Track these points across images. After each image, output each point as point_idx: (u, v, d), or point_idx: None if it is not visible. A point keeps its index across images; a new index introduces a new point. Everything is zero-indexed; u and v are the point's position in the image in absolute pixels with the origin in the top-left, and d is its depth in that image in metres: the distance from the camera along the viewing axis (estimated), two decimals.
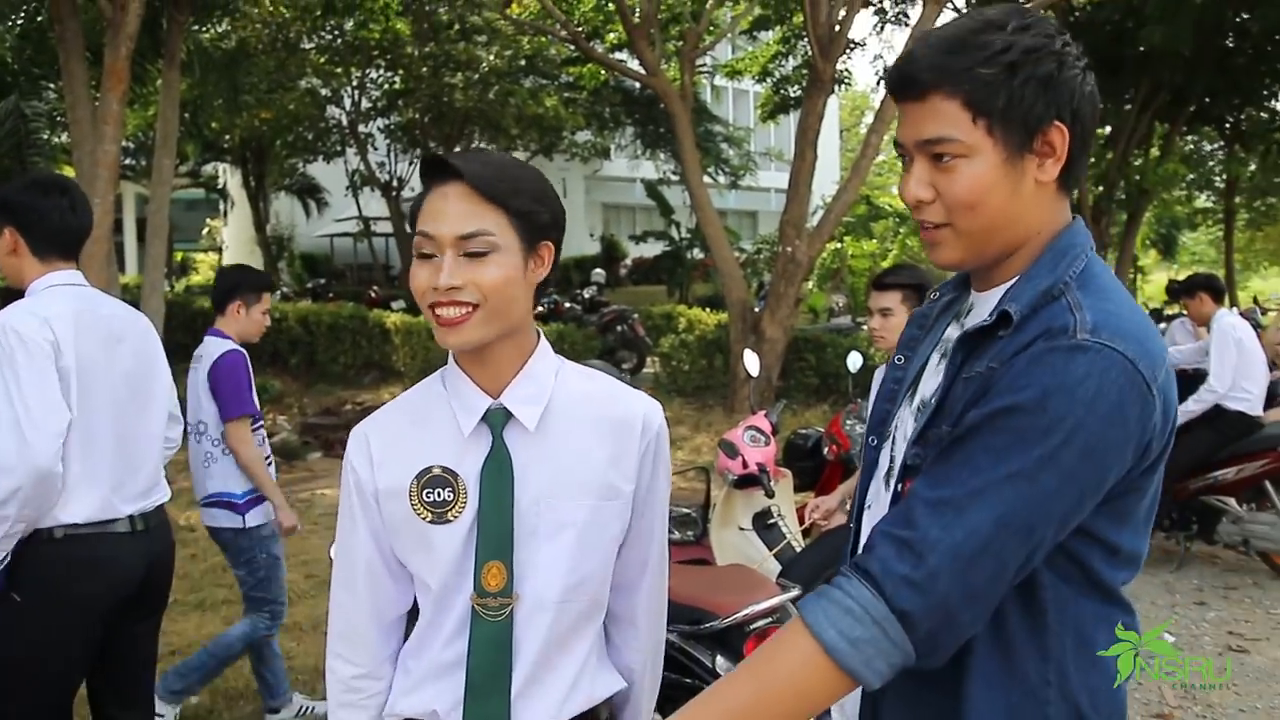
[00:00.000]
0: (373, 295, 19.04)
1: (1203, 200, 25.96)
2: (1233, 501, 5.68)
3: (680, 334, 12.45)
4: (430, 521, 1.48)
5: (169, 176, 8.34)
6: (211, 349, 3.70)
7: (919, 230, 1.34)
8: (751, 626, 2.69)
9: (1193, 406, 5.62)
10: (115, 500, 2.50)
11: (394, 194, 22.56)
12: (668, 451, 1.61)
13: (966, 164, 1.23)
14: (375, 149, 22.51)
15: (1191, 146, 20.81)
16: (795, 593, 2.82)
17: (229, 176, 27.96)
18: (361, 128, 21.58)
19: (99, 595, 2.50)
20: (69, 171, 12.66)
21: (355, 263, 30.14)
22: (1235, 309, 12.28)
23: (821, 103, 9.94)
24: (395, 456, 1.53)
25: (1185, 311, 6.41)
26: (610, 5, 11.63)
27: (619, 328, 13.39)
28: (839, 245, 18.77)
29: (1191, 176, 19.39)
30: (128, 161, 21.69)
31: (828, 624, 1.14)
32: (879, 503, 1.41)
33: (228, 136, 20.74)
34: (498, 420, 1.50)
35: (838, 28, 9.52)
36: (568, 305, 17.57)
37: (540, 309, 5.64)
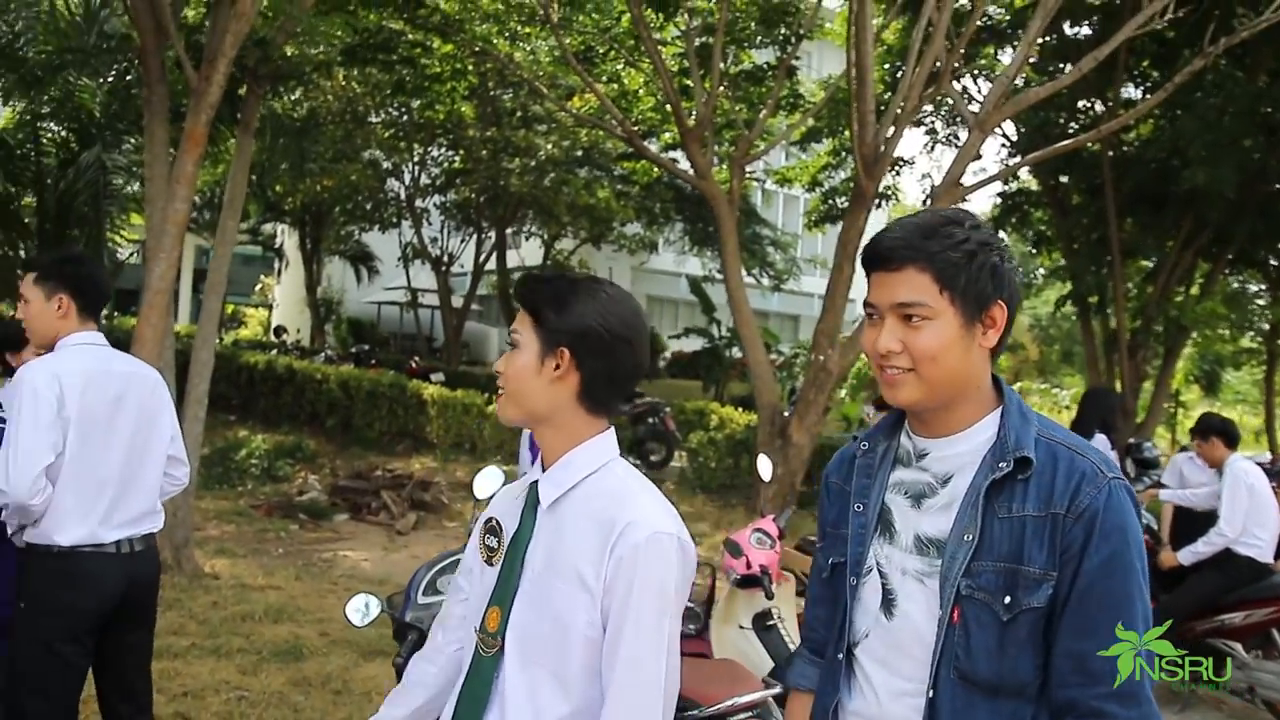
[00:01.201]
0: (413, 365, 19.35)
1: (1246, 340, 25.86)
2: (1239, 647, 5.70)
3: (710, 431, 12.59)
4: (484, 561, 1.81)
5: (233, 237, 8.68)
6: None
7: (876, 371, 1.65)
8: (731, 719, 2.82)
9: (1202, 549, 5.69)
10: (101, 530, 3.04)
11: (444, 268, 23.08)
12: (654, 577, 1.63)
13: (931, 325, 1.57)
14: (430, 223, 23.15)
15: (1237, 285, 20.85)
16: (777, 690, 2.95)
17: (286, 236, 28.77)
18: (419, 202, 22.23)
19: (85, 604, 3.02)
20: (138, 220, 13.18)
21: (400, 331, 30.67)
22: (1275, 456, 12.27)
23: (863, 218, 10.18)
24: (494, 504, 1.90)
25: (1198, 450, 6.48)
26: (668, 107, 12.01)
27: (650, 420, 13.56)
28: None
29: (1232, 316, 19.40)
30: (193, 216, 22.44)
31: None
32: (881, 628, 1.65)
33: (290, 199, 21.39)
34: (532, 495, 1.77)
35: (883, 147, 9.80)
36: None
37: None
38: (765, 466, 4.60)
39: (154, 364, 7.05)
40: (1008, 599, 1.51)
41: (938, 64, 9.63)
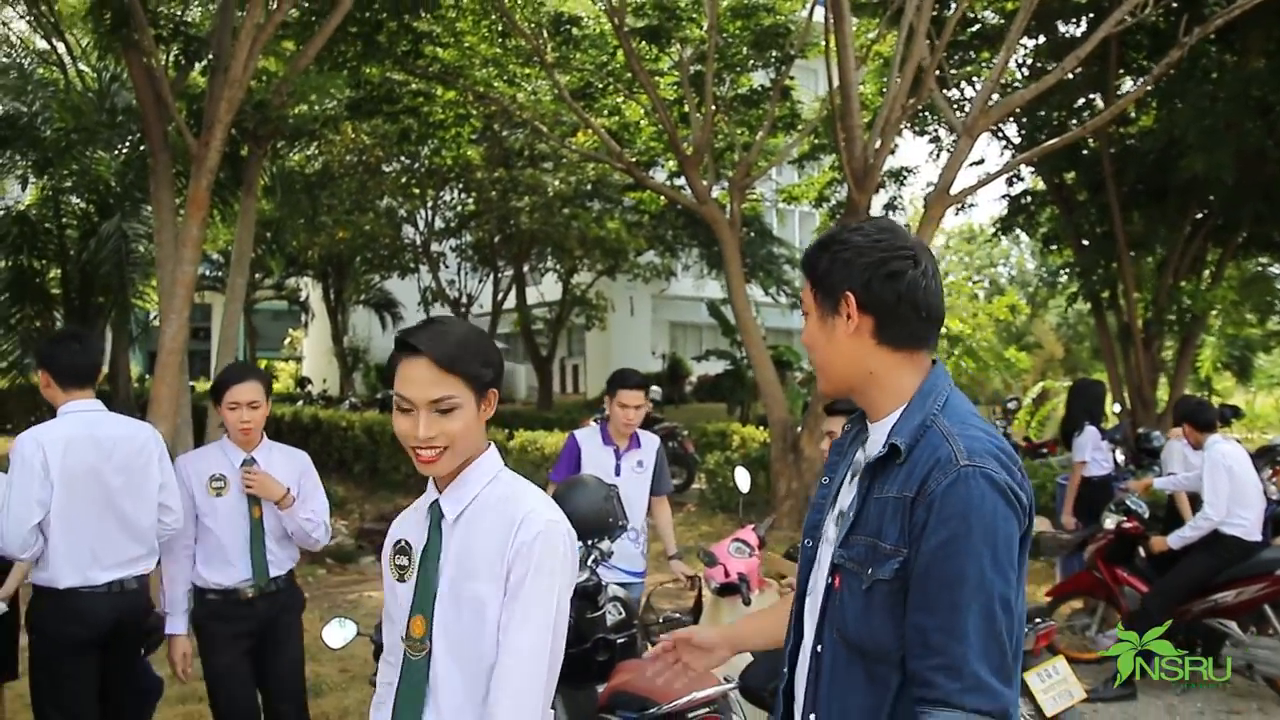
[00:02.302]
0: None
1: (1274, 323, 25.62)
2: (1234, 625, 5.78)
3: (729, 451, 12.73)
4: (396, 579, 2.03)
5: (241, 294, 9.01)
6: None
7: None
8: (691, 714, 2.98)
9: (1189, 533, 5.79)
10: (92, 572, 3.54)
11: (464, 310, 23.39)
12: (545, 564, 1.87)
13: (809, 319, 1.82)
14: (447, 266, 23.48)
15: (1257, 269, 20.72)
16: (730, 686, 3.12)
17: (311, 290, 29.24)
18: (434, 246, 22.58)
19: (79, 635, 3.54)
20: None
21: None
22: None
23: None
24: (394, 527, 2.11)
25: (1185, 436, 6.60)
26: (667, 136, 12.26)
27: (669, 444, 13.68)
28: None
29: (1241, 302, 19.32)
30: (218, 274, 22.95)
31: None
32: (816, 591, 1.82)
33: (309, 252, 21.84)
34: (435, 513, 1.99)
35: (871, 160, 9.98)
36: None
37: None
38: (743, 478, 4.77)
39: (170, 421, 7.39)
40: (870, 570, 1.67)
41: (923, 66, 9.78)
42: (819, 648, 1.75)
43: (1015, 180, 16.84)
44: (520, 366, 29.84)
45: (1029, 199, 17.17)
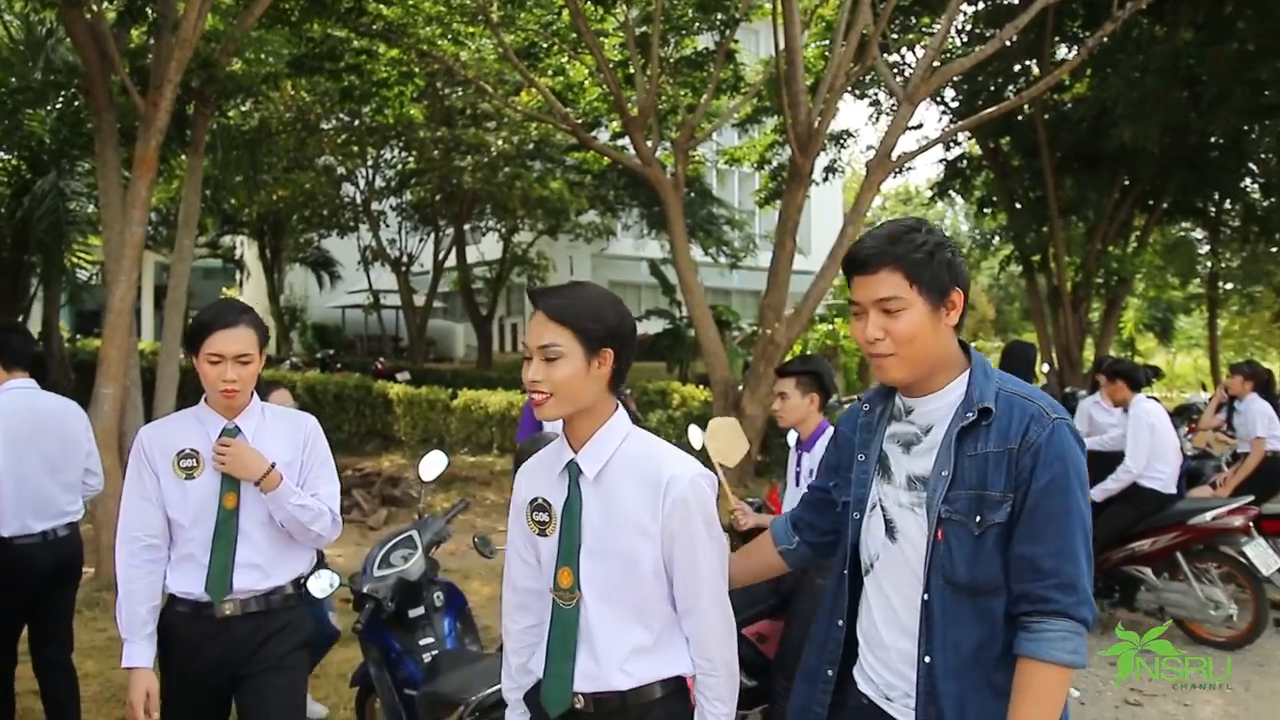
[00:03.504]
0: (379, 366, 19.63)
1: (1194, 287, 26.48)
2: (1149, 571, 6.17)
3: (670, 410, 12.97)
4: (537, 534, 2.21)
5: (189, 255, 8.94)
6: None
7: (867, 356, 2.08)
8: None
9: (1111, 485, 6.15)
10: (31, 521, 4.05)
11: (404, 269, 23.28)
12: (701, 510, 2.10)
13: (908, 313, 1.98)
14: (387, 225, 23.32)
15: (1182, 234, 21.40)
16: None
17: (246, 248, 28.83)
18: (375, 205, 22.41)
19: (23, 577, 4.03)
20: (97, 242, 13.38)
21: (365, 334, 30.85)
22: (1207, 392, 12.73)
23: (801, 195, 10.56)
24: (526, 483, 2.28)
25: (1105, 392, 6.96)
26: (612, 97, 12.30)
27: None
28: (830, 327, 19.31)
29: (1165, 267, 20.01)
30: (150, 234, 22.56)
31: (1059, 652, 1.87)
32: (888, 552, 2.08)
33: (246, 210, 21.54)
34: (574, 470, 2.17)
35: (815, 125, 10.19)
36: None
37: None
38: (695, 436, 4.95)
39: (120, 383, 7.41)
40: (978, 518, 1.93)
41: (866, 33, 9.97)
42: (926, 597, 2.00)
43: (952, 145, 17.18)
44: (459, 325, 29.80)
45: (965, 163, 17.53)
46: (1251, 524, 6.25)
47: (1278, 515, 7.02)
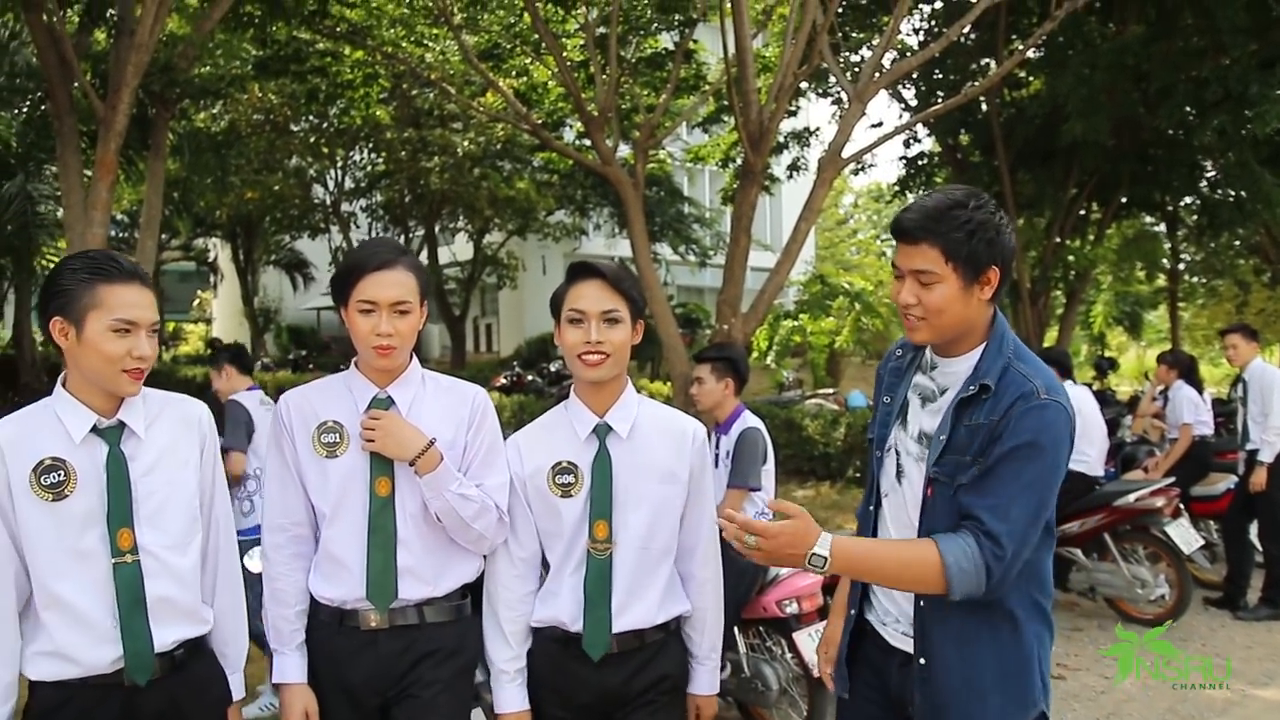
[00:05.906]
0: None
1: (1161, 280, 26.83)
2: (1079, 553, 6.40)
3: None
4: (560, 496, 2.43)
5: (153, 256, 9.10)
6: None
7: (900, 315, 2.21)
8: None
9: None
10: None
11: None
12: (710, 457, 2.60)
13: (940, 286, 2.10)
14: (358, 226, 23.41)
15: (1143, 227, 21.73)
16: None
17: (219, 251, 28.83)
18: (345, 206, 22.50)
19: None
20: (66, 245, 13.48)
21: (341, 334, 30.84)
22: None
23: (754, 193, 10.76)
24: (535, 453, 2.48)
25: None
26: (573, 98, 12.46)
27: None
28: (796, 323, 19.55)
29: (1118, 264, 20.37)
30: (122, 235, 22.59)
31: (952, 553, 1.99)
32: (895, 492, 2.25)
33: (218, 213, 21.59)
34: (603, 431, 2.44)
35: (766, 123, 10.39)
36: (530, 379, 18.30)
37: (503, 382, 6.56)
38: None
39: None
40: (955, 479, 2.08)
41: (815, 30, 10.18)
42: None
43: (913, 141, 17.43)
44: (433, 326, 29.87)
45: (925, 160, 17.78)
46: (1180, 505, 6.52)
47: (1208, 497, 7.29)
